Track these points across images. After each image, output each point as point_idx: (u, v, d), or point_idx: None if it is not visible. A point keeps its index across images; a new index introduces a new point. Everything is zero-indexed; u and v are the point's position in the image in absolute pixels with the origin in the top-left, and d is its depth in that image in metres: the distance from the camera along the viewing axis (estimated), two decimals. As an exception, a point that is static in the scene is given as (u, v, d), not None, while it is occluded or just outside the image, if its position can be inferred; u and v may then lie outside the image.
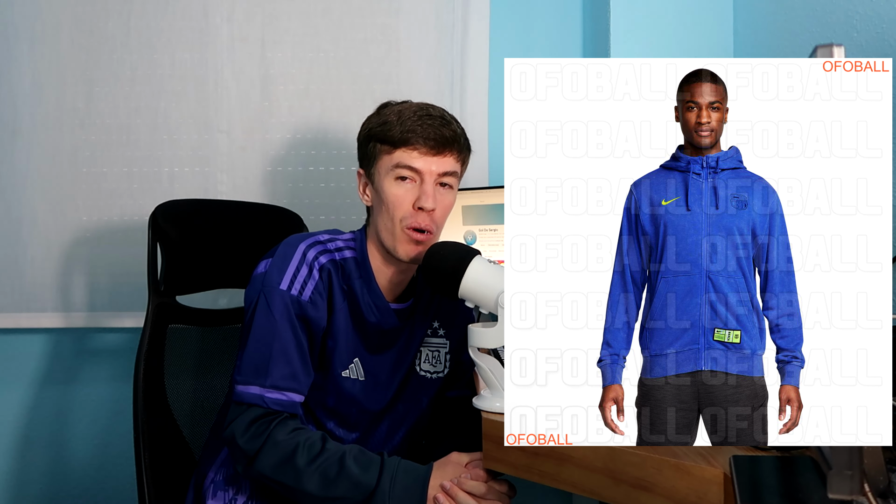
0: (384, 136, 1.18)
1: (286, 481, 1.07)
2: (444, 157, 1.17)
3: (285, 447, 1.08)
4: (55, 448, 1.95)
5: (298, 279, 1.15)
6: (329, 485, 1.06)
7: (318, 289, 1.16)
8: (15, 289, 1.89)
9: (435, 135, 1.16)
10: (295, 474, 1.07)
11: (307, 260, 1.17)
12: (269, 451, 1.08)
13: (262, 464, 1.08)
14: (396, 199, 1.17)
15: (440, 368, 1.33)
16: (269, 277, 1.15)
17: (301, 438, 1.09)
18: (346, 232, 1.27)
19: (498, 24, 1.91)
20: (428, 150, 1.16)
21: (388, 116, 1.19)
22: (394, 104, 1.23)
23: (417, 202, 1.16)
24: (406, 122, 1.16)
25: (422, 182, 1.17)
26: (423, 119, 1.16)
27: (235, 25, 1.89)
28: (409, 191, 1.17)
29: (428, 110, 1.18)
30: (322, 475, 1.06)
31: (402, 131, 1.16)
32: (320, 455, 1.07)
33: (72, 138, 1.89)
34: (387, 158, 1.18)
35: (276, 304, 1.14)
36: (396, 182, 1.17)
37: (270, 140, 1.90)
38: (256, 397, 1.11)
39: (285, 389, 1.12)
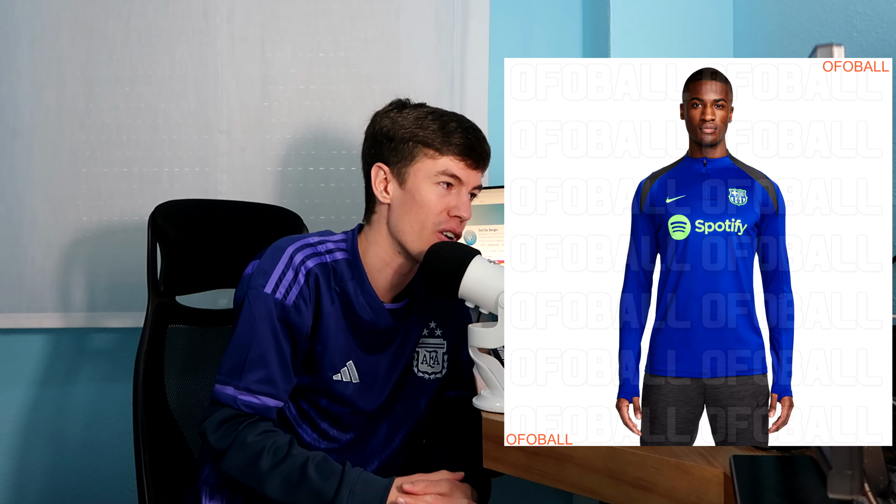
0: (429, 140, 1.19)
1: (250, 484, 1.09)
2: (479, 172, 1.23)
3: (251, 449, 1.09)
4: (55, 448, 1.95)
5: (283, 283, 1.15)
6: (290, 491, 1.07)
7: (304, 294, 1.16)
8: (15, 289, 1.89)
9: (479, 149, 1.21)
10: (259, 478, 1.08)
11: (294, 264, 1.16)
12: (236, 451, 1.09)
13: (228, 464, 1.10)
14: (434, 205, 1.18)
15: (438, 369, 1.33)
16: (255, 280, 1.16)
17: (268, 442, 1.09)
18: (338, 233, 1.27)
19: (498, 24, 1.91)
20: (472, 163, 1.20)
21: (425, 121, 1.20)
22: (414, 105, 1.24)
23: (454, 210, 1.19)
24: (452, 131, 1.18)
25: (459, 191, 1.20)
26: (468, 132, 1.20)
27: (235, 25, 1.89)
28: (445, 197, 1.19)
29: (466, 122, 1.22)
30: (284, 481, 1.07)
31: (449, 140, 1.18)
32: (284, 460, 1.08)
33: (72, 138, 1.89)
34: (430, 163, 1.19)
35: (258, 308, 1.14)
36: (437, 187, 1.19)
37: (270, 140, 1.90)
38: (230, 398, 1.12)
39: (259, 393, 1.13)
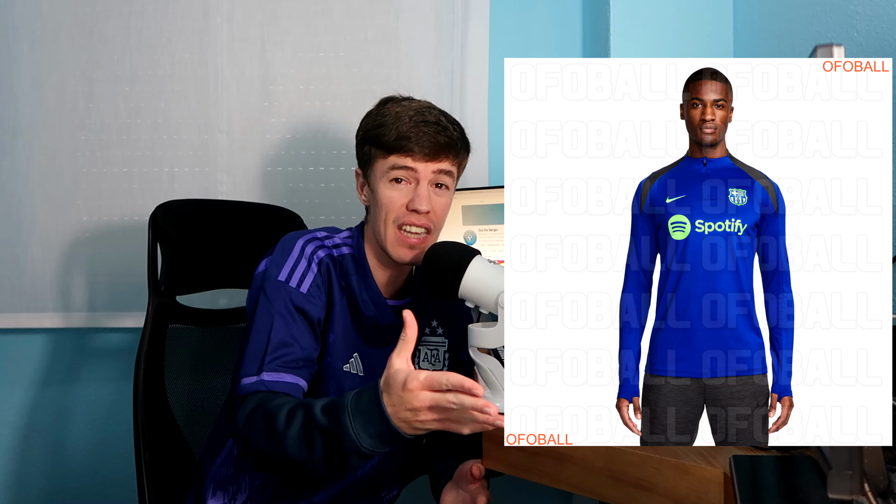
0: (378, 140, 1.18)
1: (275, 452, 1.01)
2: (439, 162, 1.18)
3: (269, 417, 1.02)
4: (55, 448, 1.95)
5: (297, 271, 1.15)
6: (309, 445, 0.98)
7: (317, 282, 1.16)
8: (15, 289, 1.88)
9: (429, 142, 1.16)
10: (279, 441, 1.00)
11: (306, 254, 1.17)
12: (257, 425, 1.03)
13: (254, 440, 1.03)
14: (390, 201, 1.17)
15: (439, 367, 1.33)
16: (269, 272, 1.16)
17: (283, 404, 1.03)
18: (343, 230, 1.28)
19: (498, 24, 1.91)
20: (423, 157, 1.16)
21: (384, 118, 1.18)
22: (395, 101, 1.22)
23: (411, 204, 1.16)
24: (401, 126, 1.16)
25: (417, 184, 1.17)
26: (419, 126, 1.16)
27: (235, 25, 1.89)
28: (404, 192, 1.17)
29: (424, 115, 1.17)
30: (300, 436, 0.99)
31: (397, 137, 1.16)
32: (296, 415, 1.00)
33: (72, 138, 1.89)
34: (381, 162, 1.18)
35: (274, 295, 1.13)
36: (391, 184, 1.18)
37: (270, 140, 1.90)
38: (257, 384, 1.08)
39: (284, 372, 1.09)
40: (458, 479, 1.16)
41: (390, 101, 1.23)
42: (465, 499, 1.13)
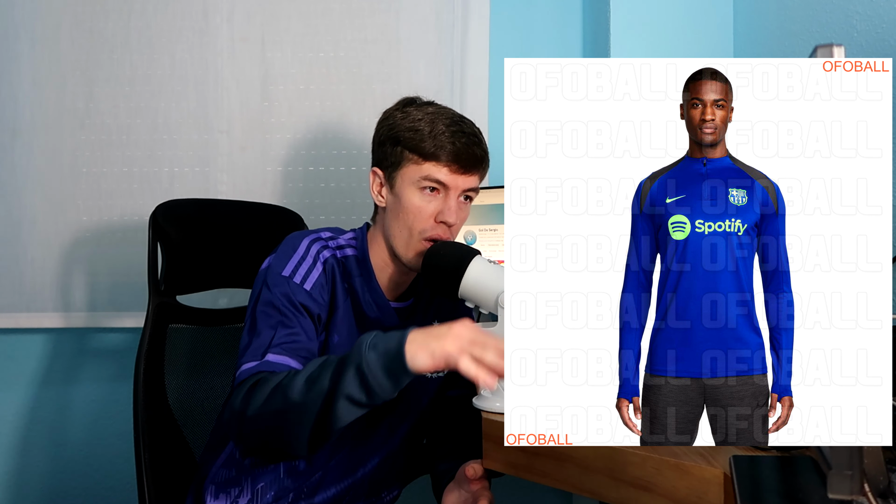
0: (414, 145, 1.16)
1: (276, 405, 0.98)
2: (470, 176, 1.18)
3: (271, 381, 1.00)
4: (55, 448, 1.95)
5: (302, 269, 1.15)
6: (313, 383, 0.96)
7: (321, 281, 1.16)
8: (15, 289, 1.89)
9: (467, 154, 1.16)
10: (281, 394, 0.97)
11: (311, 252, 1.17)
12: (257, 392, 1.00)
13: (252, 408, 0.99)
14: (418, 211, 1.16)
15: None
16: (273, 268, 1.15)
17: (284, 371, 1.02)
18: (348, 230, 1.27)
19: (498, 24, 1.91)
20: (458, 169, 1.16)
21: (418, 123, 1.17)
22: (419, 104, 1.21)
23: (440, 216, 1.16)
24: (439, 136, 1.15)
25: (446, 196, 1.17)
26: (457, 136, 1.15)
27: (235, 25, 1.89)
28: (432, 203, 1.17)
29: (461, 126, 1.17)
30: (306, 378, 0.97)
31: (435, 146, 1.14)
32: (303, 368, 1.00)
33: (72, 138, 1.90)
34: (414, 168, 1.16)
35: (276, 290, 1.12)
36: (421, 192, 1.17)
37: (270, 140, 1.90)
38: (260, 365, 1.06)
39: (288, 356, 1.07)
40: (460, 479, 1.16)
41: (413, 104, 1.22)
42: (467, 499, 1.13)
